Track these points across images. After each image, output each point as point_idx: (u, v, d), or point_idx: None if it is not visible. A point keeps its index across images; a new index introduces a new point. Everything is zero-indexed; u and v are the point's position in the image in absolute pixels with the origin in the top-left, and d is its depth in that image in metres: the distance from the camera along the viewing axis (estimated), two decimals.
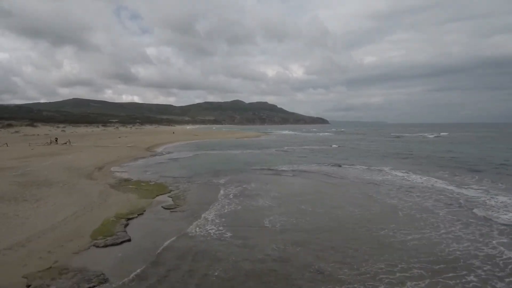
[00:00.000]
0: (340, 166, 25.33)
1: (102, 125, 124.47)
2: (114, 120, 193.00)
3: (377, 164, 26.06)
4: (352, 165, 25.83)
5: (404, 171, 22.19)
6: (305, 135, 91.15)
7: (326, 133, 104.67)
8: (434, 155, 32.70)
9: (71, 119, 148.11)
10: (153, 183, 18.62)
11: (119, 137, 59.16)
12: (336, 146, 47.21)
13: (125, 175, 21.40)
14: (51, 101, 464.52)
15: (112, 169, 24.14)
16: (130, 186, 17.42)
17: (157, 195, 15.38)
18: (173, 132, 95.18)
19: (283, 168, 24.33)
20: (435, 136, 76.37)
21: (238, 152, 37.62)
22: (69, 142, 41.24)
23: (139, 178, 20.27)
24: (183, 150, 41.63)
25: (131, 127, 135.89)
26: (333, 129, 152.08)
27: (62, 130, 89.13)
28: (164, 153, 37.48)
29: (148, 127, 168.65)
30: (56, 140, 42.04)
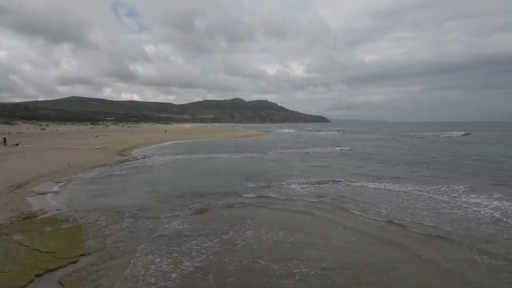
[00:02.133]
0: (380, 184, 16.88)
1: (91, 123, 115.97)
2: (109, 118, 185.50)
3: (436, 181, 17.62)
4: (399, 183, 17.25)
5: (499, 198, 13.71)
6: (310, 134, 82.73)
7: (332, 132, 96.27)
8: (501, 165, 24.33)
9: (66, 117, 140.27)
10: (68, 226, 10.19)
11: (96, 136, 50.74)
12: (351, 148, 38.79)
13: (42, 202, 13.04)
14: (50, 99, 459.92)
15: (36, 188, 15.73)
16: (15, 238, 9.03)
17: (39, 274, 6.98)
18: (165, 131, 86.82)
19: (295, 187, 15.99)
20: (462, 135, 67.94)
21: (233, 157, 29.22)
22: (4, 142, 32.85)
23: (58, 211, 11.93)
24: (166, 153, 33.28)
25: (123, 125, 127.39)
26: (337, 128, 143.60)
27: (42, 129, 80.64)
28: (138, 157, 29.12)
29: (143, 125, 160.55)
30: (4, 141, 33.61)
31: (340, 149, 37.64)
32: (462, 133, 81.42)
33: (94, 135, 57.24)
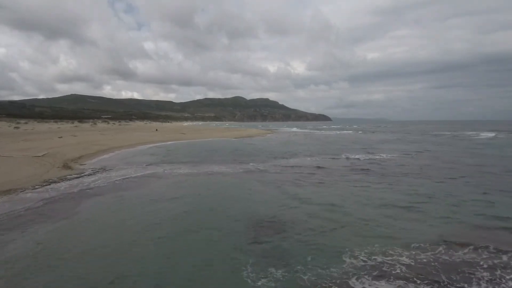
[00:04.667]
0: None
1: (78, 121, 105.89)
2: (104, 116, 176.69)
3: None
4: None
5: None
6: (321, 134, 72.36)
7: (345, 131, 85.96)
8: None
9: (62, 115, 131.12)
10: None
11: (60, 137, 40.68)
12: (399, 155, 28.53)
13: None
14: (50, 97, 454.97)
15: None
16: None
17: None
18: (156, 129, 77.14)
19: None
20: (495, 136, 57.53)
21: (229, 172, 19.13)
22: None
23: None
24: (136, 162, 23.32)
25: (114, 124, 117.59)
26: (348, 127, 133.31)
27: (15, 127, 70.79)
28: (87, 172, 19.20)
29: (137, 123, 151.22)
30: None
31: (382, 156, 27.42)
32: (493, 134, 71.07)
33: (64, 135, 47.29)
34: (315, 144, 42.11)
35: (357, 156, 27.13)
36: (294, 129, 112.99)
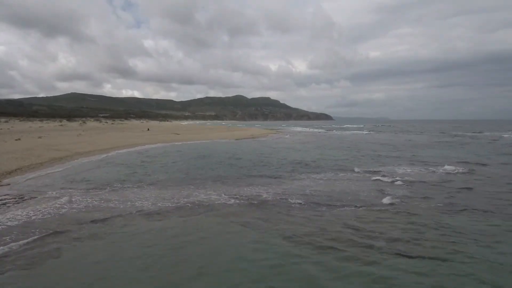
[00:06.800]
0: None
1: (67, 119, 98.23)
2: (102, 115, 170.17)
3: None
4: None
5: None
6: (332, 134, 64.35)
7: (356, 132, 77.92)
8: None
9: (60, 113, 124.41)
10: None
11: (17, 140, 32.92)
12: (470, 167, 20.38)
13: None
14: (50, 95, 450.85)
15: None
16: None
17: None
18: (148, 129, 69.69)
19: None
20: None
21: (225, 211, 11.28)
22: None
23: None
24: (90, 181, 15.60)
25: (106, 122, 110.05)
26: (355, 126, 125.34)
27: None
28: None
29: (132, 122, 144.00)
30: None
31: (450, 169, 19.48)
32: None
33: (34, 135, 39.69)
34: (334, 148, 34.22)
35: (417, 171, 18.87)
36: (299, 128, 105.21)
